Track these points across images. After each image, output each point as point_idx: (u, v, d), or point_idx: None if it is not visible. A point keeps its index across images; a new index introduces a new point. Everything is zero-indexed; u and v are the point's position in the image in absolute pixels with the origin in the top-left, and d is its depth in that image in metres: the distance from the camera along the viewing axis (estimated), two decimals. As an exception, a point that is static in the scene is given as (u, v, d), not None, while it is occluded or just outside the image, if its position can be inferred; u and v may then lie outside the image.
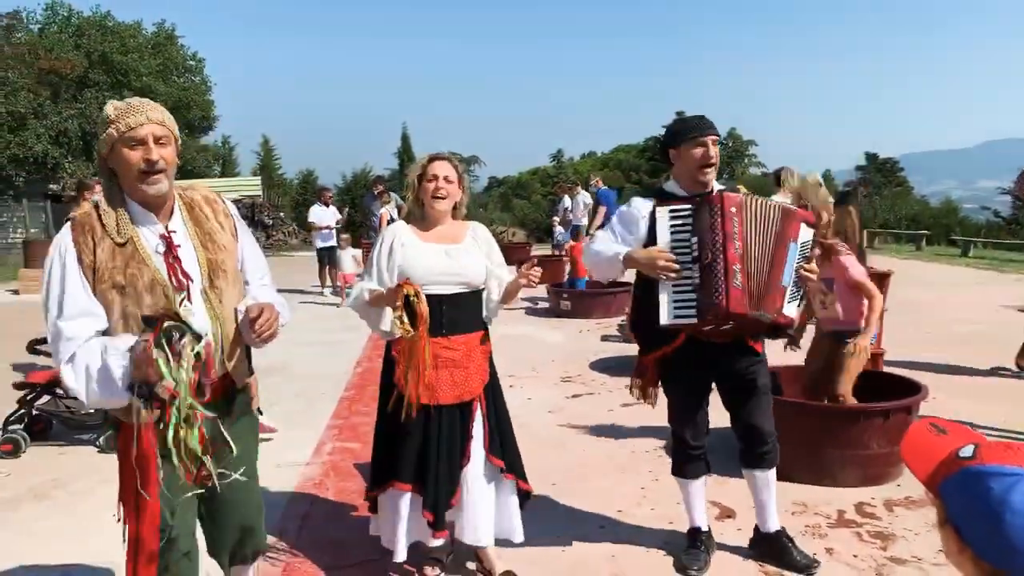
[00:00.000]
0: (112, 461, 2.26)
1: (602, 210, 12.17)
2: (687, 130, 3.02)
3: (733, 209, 2.89)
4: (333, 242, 12.83)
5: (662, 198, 3.09)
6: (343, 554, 3.41)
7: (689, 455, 3.25)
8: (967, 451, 1.12)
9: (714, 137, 2.99)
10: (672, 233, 2.97)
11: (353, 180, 32.51)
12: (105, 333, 2.08)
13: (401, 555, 3.01)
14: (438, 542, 3.02)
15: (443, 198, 3.00)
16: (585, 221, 13.22)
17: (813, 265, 3.03)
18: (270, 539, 3.40)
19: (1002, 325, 8.64)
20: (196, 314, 2.10)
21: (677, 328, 2.99)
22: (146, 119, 2.04)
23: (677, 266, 2.90)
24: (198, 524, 2.38)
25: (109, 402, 2.03)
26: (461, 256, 2.98)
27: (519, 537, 3.14)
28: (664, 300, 2.95)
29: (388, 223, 11.61)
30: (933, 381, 5.30)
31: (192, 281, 2.14)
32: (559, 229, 13.97)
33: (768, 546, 3.32)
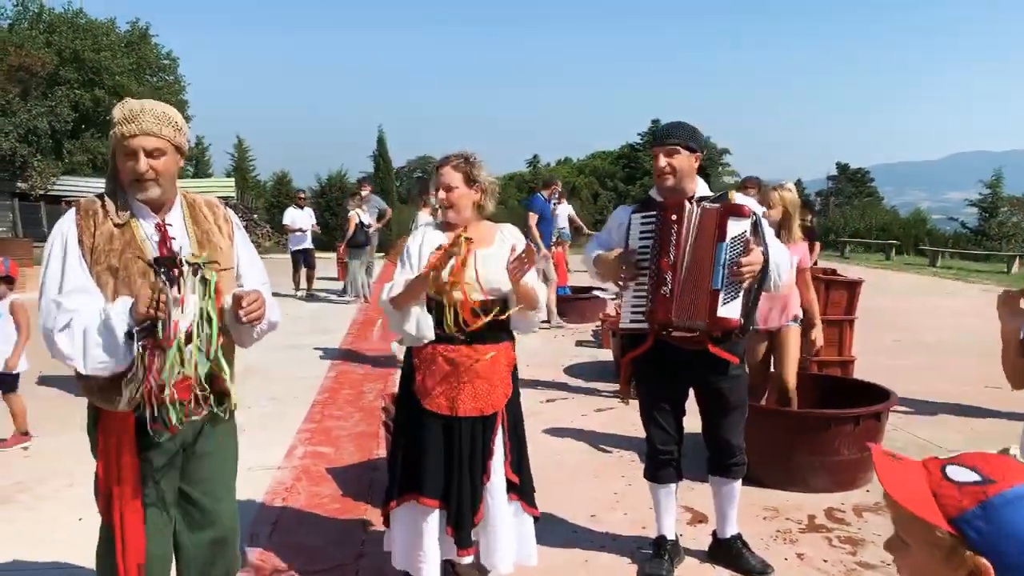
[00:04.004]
0: (78, 464, 2.22)
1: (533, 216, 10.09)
2: (654, 140, 3.08)
3: (673, 217, 2.93)
4: (307, 244, 12.73)
5: (645, 204, 3.13)
6: (314, 559, 3.37)
7: (658, 460, 3.24)
8: (965, 475, 1.04)
9: (668, 148, 2.96)
10: (641, 239, 3.03)
11: (328, 183, 32.27)
12: None
13: (434, 574, 2.83)
14: (466, 560, 2.86)
15: (448, 208, 2.86)
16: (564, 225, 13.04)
17: (751, 256, 2.86)
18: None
19: (968, 334, 8.78)
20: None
21: (638, 332, 3.07)
22: (139, 131, 2.06)
23: (624, 270, 3.01)
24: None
25: (108, 364, 2.02)
26: (488, 261, 2.75)
27: (534, 561, 2.98)
28: (624, 305, 3.07)
29: (356, 226, 11.53)
30: (902, 388, 5.37)
31: None
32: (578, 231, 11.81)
33: (723, 552, 3.36)
